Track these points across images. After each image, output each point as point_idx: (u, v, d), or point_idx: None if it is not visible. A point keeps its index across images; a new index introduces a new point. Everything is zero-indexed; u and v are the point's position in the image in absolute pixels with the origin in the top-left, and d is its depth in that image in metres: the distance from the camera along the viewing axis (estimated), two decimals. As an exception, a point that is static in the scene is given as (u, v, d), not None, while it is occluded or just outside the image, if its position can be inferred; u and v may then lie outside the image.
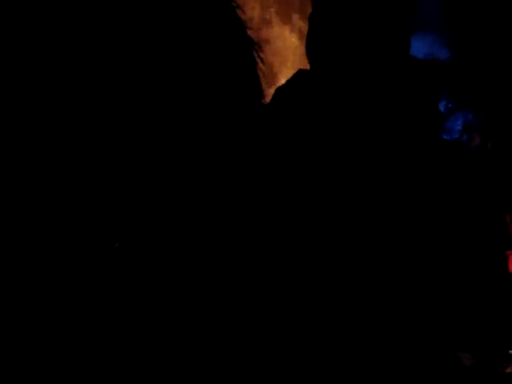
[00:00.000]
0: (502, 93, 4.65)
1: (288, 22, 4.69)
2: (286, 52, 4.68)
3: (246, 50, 1.43)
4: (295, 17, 4.72)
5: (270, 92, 4.70)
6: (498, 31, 4.52)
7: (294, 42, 4.73)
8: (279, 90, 2.39)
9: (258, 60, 1.47)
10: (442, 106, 4.70)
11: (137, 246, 1.07)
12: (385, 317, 1.87)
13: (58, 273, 1.03)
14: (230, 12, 1.43)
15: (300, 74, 2.41)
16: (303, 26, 4.76)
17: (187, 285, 1.10)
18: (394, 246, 1.84)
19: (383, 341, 1.88)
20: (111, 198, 1.04)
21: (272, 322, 1.23)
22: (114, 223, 1.05)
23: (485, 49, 4.61)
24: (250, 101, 1.31)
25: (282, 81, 4.48)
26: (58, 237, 1.02)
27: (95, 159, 1.03)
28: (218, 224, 1.13)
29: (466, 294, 2.05)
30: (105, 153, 1.04)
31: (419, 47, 4.61)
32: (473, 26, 4.54)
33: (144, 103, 1.08)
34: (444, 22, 4.55)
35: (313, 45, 2.26)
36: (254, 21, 4.47)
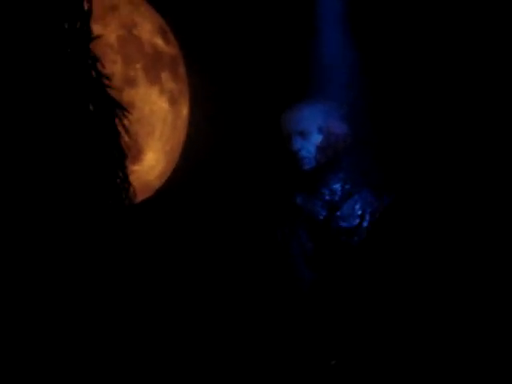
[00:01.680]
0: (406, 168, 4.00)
1: (157, 82, 3.83)
2: (153, 119, 3.81)
3: (105, 115, 1.58)
4: (165, 76, 3.87)
5: (134, 170, 3.63)
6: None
7: (164, 106, 3.87)
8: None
9: (120, 129, 1.63)
10: (338, 189, 3.94)
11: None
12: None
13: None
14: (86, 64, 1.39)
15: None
16: (175, 87, 3.92)
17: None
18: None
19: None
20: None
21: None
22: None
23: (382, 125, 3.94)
24: (109, 186, 1.46)
25: (149, 156, 3.46)
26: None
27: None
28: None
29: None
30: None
31: (314, 116, 3.89)
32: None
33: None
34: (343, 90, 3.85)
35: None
36: (115, 78, 3.58)
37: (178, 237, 3.80)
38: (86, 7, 3.00)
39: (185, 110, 4.00)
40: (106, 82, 3.20)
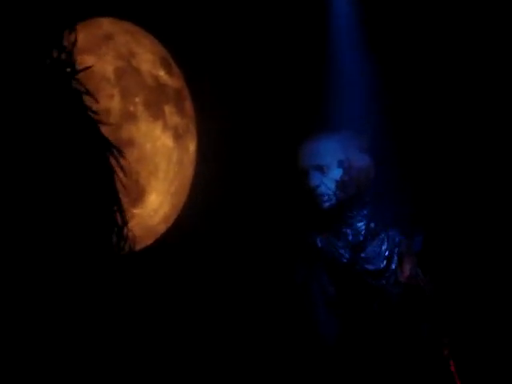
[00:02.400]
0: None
1: (160, 117, 3.52)
2: (156, 157, 3.49)
3: (98, 156, 1.21)
4: (169, 110, 3.56)
5: (135, 214, 3.39)
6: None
7: (168, 143, 3.55)
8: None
9: (116, 169, 1.25)
10: (362, 227, 3.58)
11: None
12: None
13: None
14: (76, 100, 1.17)
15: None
16: (180, 122, 3.60)
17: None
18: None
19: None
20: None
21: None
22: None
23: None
24: (104, 232, 1.18)
25: (152, 198, 3.16)
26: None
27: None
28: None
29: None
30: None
31: (333, 148, 3.55)
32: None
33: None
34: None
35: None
36: (111, 114, 3.28)
37: (185, 288, 3.45)
38: (70, 36, 2.69)
39: (192, 147, 3.68)
40: (98, 117, 2.88)
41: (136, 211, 3.40)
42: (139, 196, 3.41)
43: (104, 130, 3.10)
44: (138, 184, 3.39)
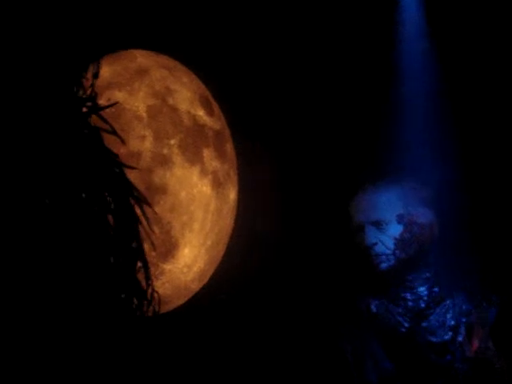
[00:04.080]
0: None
1: (197, 162, 3.14)
2: (192, 207, 3.10)
3: (119, 203, 1.35)
4: (208, 154, 3.18)
5: (165, 269, 3.08)
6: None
7: (206, 191, 3.16)
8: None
9: (143, 220, 1.35)
10: (424, 292, 3.13)
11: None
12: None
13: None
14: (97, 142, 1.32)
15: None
16: (220, 168, 3.22)
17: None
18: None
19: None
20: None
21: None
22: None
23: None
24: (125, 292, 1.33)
25: (185, 252, 2.69)
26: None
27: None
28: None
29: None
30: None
31: (392, 201, 3.15)
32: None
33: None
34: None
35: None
36: (142, 157, 2.93)
37: (218, 356, 3.02)
38: (92, 70, 2.36)
39: (232, 195, 3.30)
40: (122, 160, 2.52)
41: (167, 267, 3.01)
42: (171, 249, 3.02)
43: (133, 175, 2.72)
44: (169, 236, 3.01)
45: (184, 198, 3.10)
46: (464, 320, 3.16)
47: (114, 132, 2.55)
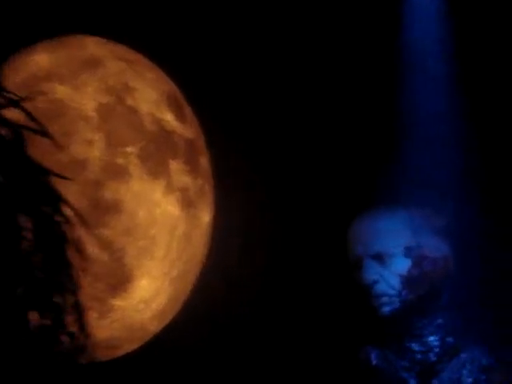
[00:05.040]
0: None
1: (162, 175, 2.63)
2: (153, 230, 2.60)
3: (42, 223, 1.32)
4: (176, 167, 2.67)
5: (115, 306, 2.71)
6: None
7: (172, 211, 2.67)
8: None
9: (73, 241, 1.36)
10: (435, 343, 2.63)
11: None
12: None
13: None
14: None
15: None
16: (191, 184, 2.74)
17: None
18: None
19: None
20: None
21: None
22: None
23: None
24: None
25: (142, 284, 2.55)
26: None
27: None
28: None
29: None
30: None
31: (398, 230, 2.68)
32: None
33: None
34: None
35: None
36: (89, 166, 2.45)
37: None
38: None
39: (206, 217, 2.83)
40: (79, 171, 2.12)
41: (116, 302, 2.50)
42: (123, 281, 2.52)
43: (73, 188, 2.27)
44: (122, 264, 2.51)
45: (143, 218, 2.60)
46: (484, 378, 2.65)
47: (43, 133, 2.06)
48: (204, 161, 2.87)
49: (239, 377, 2.63)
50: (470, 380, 2.70)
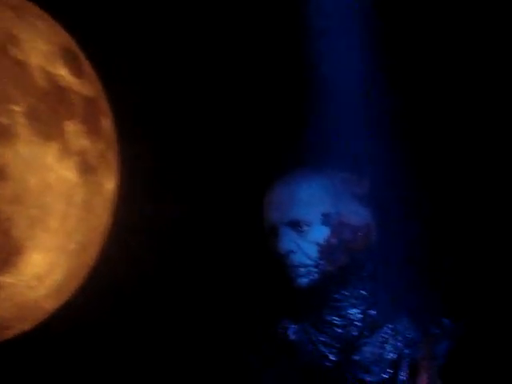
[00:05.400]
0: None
1: (55, 138, 2.37)
2: (46, 198, 2.34)
3: None
4: (72, 128, 2.41)
5: (3, 283, 2.33)
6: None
7: (69, 177, 2.41)
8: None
9: None
10: (357, 315, 2.54)
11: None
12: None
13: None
14: None
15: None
16: (90, 148, 2.48)
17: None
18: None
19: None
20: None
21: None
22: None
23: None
24: None
25: (34, 259, 2.26)
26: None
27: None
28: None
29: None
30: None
31: (315, 196, 2.52)
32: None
33: None
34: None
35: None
36: None
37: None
38: None
39: (109, 184, 2.56)
40: None
41: (6, 279, 2.25)
42: (11, 255, 2.25)
43: None
44: (9, 237, 2.24)
45: (34, 185, 2.31)
46: (408, 353, 2.49)
47: None
48: (106, 123, 2.60)
49: (144, 351, 2.45)
50: (392, 355, 2.56)
